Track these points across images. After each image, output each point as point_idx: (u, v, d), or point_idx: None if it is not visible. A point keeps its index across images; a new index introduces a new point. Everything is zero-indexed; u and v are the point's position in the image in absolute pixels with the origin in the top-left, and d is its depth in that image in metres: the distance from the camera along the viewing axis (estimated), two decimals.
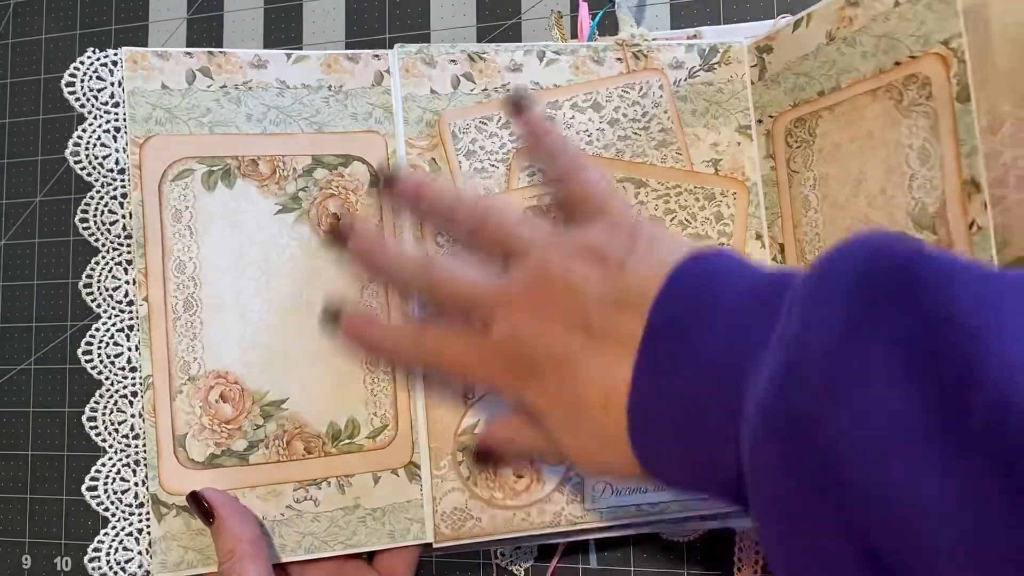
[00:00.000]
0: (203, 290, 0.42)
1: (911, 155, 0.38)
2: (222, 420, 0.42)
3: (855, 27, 0.40)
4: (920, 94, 0.38)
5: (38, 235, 0.56)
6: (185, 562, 0.41)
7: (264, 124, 0.43)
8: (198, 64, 0.43)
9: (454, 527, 0.43)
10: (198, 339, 0.42)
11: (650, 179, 0.46)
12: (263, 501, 0.42)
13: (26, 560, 0.54)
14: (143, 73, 0.42)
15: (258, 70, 0.44)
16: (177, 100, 0.43)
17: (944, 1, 0.37)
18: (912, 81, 0.38)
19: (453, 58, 0.45)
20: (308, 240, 0.44)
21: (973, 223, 0.36)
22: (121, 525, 0.43)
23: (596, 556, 0.48)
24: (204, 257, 0.42)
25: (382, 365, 0.43)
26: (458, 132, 0.45)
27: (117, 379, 0.44)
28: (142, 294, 0.41)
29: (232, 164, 0.43)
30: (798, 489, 0.24)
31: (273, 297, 0.43)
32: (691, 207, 0.46)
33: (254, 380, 0.42)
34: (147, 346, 0.41)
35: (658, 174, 0.46)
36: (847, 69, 0.41)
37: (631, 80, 0.46)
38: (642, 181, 0.45)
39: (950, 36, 0.36)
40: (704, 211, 0.45)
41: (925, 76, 0.38)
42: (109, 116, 0.44)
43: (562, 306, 0.33)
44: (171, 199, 0.42)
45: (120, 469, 0.44)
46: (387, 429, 0.43)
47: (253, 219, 0.43)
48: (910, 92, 0.38)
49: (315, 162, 0.44)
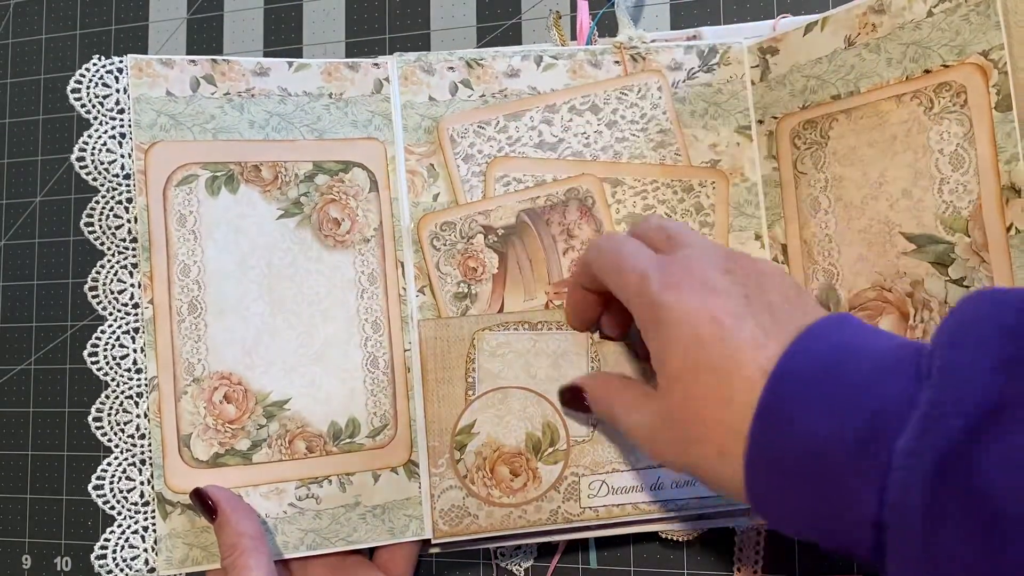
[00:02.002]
0: (207, 293, 0.44)
1: (942, 160, 0.40)
2: (226, 420, 0.43)
3: (879, 34, 0.42)
4: (954, 102, 0.40)
5: (38, 235, 0.57)
6: (190, 559, 0.42)
7: (266, 131, 0.45)
8: (202, 72, 0.45)
9: (452, 524, 0.44)
10: (202, 341, 0.43)
11: (626, 177, 0.47)
12: (266, 499, 0.43)
13: (26, 560, 0.56)
14: (148, 80, 0.44)
15: (260, 78, 0.45)
16: (182, 107, 0.44)
17: (983, 13, 0.38)
18: (945, 89, 0.40)
19: (451, 65, 0.47)
20: (309, 244, 0.45)
21: (1011, 226, 0.38)
22: (127, 523, 0.45)
23: (596, 555, 0.49)
24: (208, 260, 0.44)
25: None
26: (456, 136, 0.46)
27: (123, 380, 0.45)
28: (147, 297, 0.43)
29: (235, 170, 0.45)
30: (952, 527, 0.25)
31: (275, 300, 0.45)
32: (670, 200, 0.47)
33: (257, 381, 0.44)
34: (152, 348, 0.43)
35: (633, 171, 0.47)
36: (868, 74, 0.43)
37: (629, 82, 0.47)
38: (618, 180, 0.47)
39: (990, 47, 0.38)
40: (684, 203, 0.47)
41: (960, 85, 0.39)
42: (115, 122, 0.46)
43: (762, 270, 0.35)
44: (176, 204, 0.44)
45: (126, 468, 0.45)
46: (387, 428, 0.45)
47: (255, 224, 0.45)
48: (942, 99, 0.40)
49: (316, 168, 0.46)
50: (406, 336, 0.46)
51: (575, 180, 0.47)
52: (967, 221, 0.40)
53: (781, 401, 0.30)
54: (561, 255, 0.46)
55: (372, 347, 0.45)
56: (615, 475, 0.45)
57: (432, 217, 0.46)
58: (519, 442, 0.45)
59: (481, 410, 0.45)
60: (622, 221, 0.47)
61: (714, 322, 0.32)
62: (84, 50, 0.58)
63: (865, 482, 0.27)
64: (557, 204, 0.47)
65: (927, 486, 0.25)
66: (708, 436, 0.32)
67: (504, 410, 0.45)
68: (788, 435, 0.29)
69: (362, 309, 0.45)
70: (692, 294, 0.33)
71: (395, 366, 0.46)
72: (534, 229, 0.46)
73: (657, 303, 0.34)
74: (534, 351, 0.45)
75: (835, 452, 0.28)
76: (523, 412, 0.45)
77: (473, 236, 0.46)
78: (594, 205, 0.47)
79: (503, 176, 0.46)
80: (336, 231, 0.46)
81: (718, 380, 0.32)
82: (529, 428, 0.45)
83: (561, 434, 0.45)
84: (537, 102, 0.47)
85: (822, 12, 0.46)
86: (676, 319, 0.33)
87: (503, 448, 0.45)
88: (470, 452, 0.45)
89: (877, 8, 0.42)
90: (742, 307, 0.33)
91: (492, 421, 0.45)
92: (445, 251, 0.46)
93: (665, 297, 0.34)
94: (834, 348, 0.30)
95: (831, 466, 0.28)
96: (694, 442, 0.33)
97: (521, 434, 0.45)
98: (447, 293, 0.46)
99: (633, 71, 0.48)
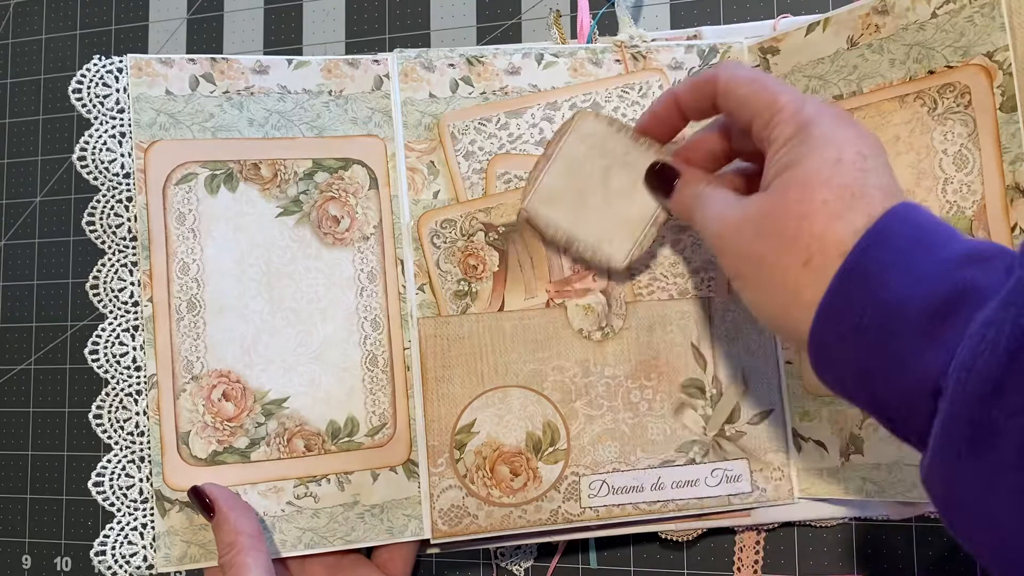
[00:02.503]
0: (206, 291, 0.44)
1: (945, 160, 0.41)
2: (224, 418, 0.44)
3: (883, 34, 0.42)
4: (958, 103, 0.40)
5: (38, 235, 0.58)
6: (188, 556, 0.43)
7: (266, 129, 0.45)
8: (201, 70, 0.45)
9: (451, 524, 0.45)
10: (201, 339, 0.44)
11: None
12: (264, 497, 0.44)
13: (26, 560, 0.56)
14: (147, 79, 0.44)
15: (260, 75, 0.46)
16: (181, 105, 0.45)
17: (987, 15, 0.39)
18: (948, 90, 0.40)
19: (452, 62, 0.47)
20: (309, 242, 0.46)
21: (1016, 226, 0.39)
22: (126, 520, 0.45)
23: (596, 556, 0.49)
24: (207, 259, 0.44)
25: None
26: (457, 133, 0.47)
27: (122, 378, 0.46)
28: (147, 295, 0.43)
29: (234, 168, 0.45)
30: (1015, 398, 0.25)
31: (274, 298, 0.45)
32: None
33: (256, 379, 0.44)
34: (152, 346, 0.43)
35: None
36: (870, 74, 0.43)
37: (630, 80, 0.48)
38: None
39: (995, 49, 0.39)
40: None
41: (964, 85, 0.40)
42: (115, 122, 0.46)
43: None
44: (175, 202, 0.44)
45: (125, 465, 0.45)
46: (385, 427, 0.45)
47: (255, 221, 0.45)
48: (946, 100, 0.40)
49: (315, 165, 0.46)
50: (406, 334, 0.46)
51: None
52: (971, 221, 0.40)
53: (878, 251, 0.30)
54: (562, 253, 0.47)
55: (371, 345, 0.46)
56: (615, 475, 0.45)
57: (432, 214, 0.46)
58: (519, 441, 0.45)
59: (481, 409, 0.45)
60: None
61: (859, 155, 0.33)
62: (84, 50, 0.58)
63: (935, 344, 0.28)
64: None
65: (998, 352, 0.25)
66: (801, 242, 0.32)
67: (504, 409, 0.45)
68: (871, 287, 0.30)
69: (361, 307, 0.46)
70: (847, 126, 0.34)
71: (394, 364, 0.46)
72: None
73: (813, 120, 0.34)
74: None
75: (914, 313, 0.29)
76: (523, 411, 0.45)
77: (474, 233, 0.46)
78: None
79: (504, 173, 0.47)
80: (335, 229, 0.46)
81: (839, 199, 0.32)
82: (529, 427, 0.45)
83: (562, 433, 0.45)
84: (538, 99, 0.47)
85: (823, 12, 0.46)
86: (826, 137, 0.34)
87: (503, 447, 0.45)
88: (470, 451, 0.45)
89: (880, 9, 0.42)
90: (880, 153, 0.34)
91: (492, 420, 0.45)
92: (445, 249, 0.46)
93: (823, 118, 0.34)
94: (930, 223, 0.31)
95: (906, 326, 0.29)
96: (786, 241, 0.33)
97: (521, 433, 0.45)
98: (447, 291, 0.46)
99: (634, 70, 0.48)
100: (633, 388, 0.46)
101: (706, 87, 0.39)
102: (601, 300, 0.46)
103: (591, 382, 0.46)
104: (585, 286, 0.46)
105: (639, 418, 0.46)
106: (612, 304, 0.46)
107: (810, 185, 0.33)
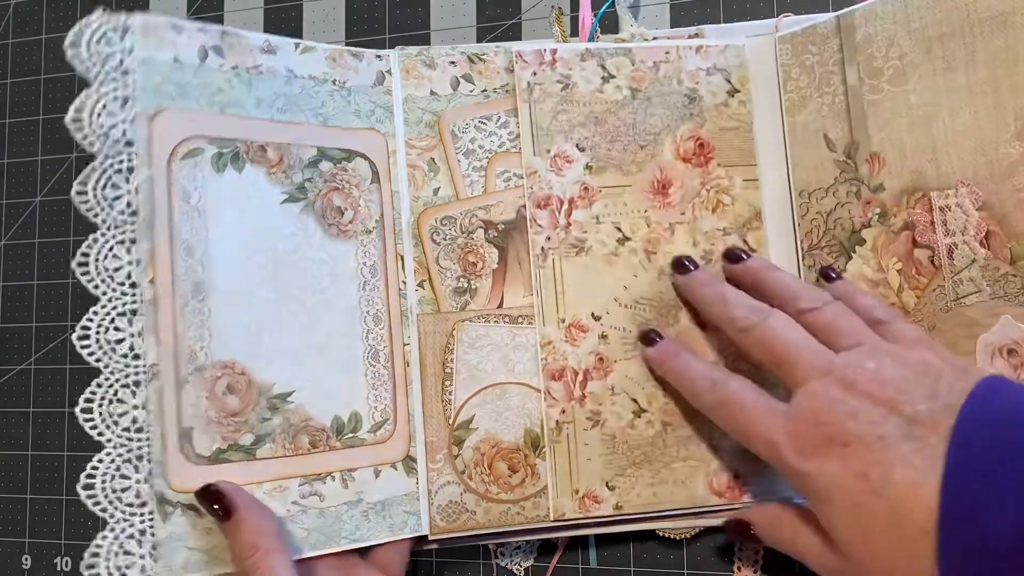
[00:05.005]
0: (211, 275, 0.42)
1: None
2: (229, 413, 0.41)
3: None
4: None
5: (38, 235, 0.58)
6: (191, 564, 0.40)
7: (272, 111, 0.44)
8: (211, 42, 0.43)
9: (449, 520, 0.45)
10: (206, 327, 0.41)
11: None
12: (269, 497, 0.42)
13: (26, 560, 0.57)
14: (155, 42, 0.41)
15: (268, 55, 0.44)
16: (189, 76, 0.42)
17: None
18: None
19: (453, 59, 0.48)
20: (313, 231, 0.44)
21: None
22: (121, 527, 0.40)
23: (596, 555, 0.50)
24: (213, 241, 0.42)
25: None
26: (457, 131, 0.48)
27: (118, 367, 0.41)
28: (148, 276, 0.40)
29: (241, 148, 0.43)
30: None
31: (280, 287, 0.43)
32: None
33: (261, 371, 0.42)
34: (152, 332, 0.40)
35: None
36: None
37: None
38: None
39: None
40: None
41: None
42: (116, 84, 0.41)
43: (890, 392, 0.35)
44: (180, 178, 0.41)
45: (120, 465, 0.41)
46: (387, 423, 0.45)
47: (261, 206, 0.43)
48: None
49: (320, 154, 0.45)
50: (405, 330, 0.46)
51: None
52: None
53: (961, 527, 0.31)
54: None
55: (373, 340, 0.45)
56: None
57: (432, 211, 0.47)
58: (517, 438, 0.46)
59: (479, 405, 0.46)
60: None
61: (861, 478, 0.34)
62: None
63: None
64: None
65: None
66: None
67: (503, 406, 0.46)
68: (979, 552, 0.30)
69: (363, 301, 0.45)
70: (829, 459, 0.35)
71: (395, 360, 0.46)
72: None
73: (800, 472, 0.36)
74: (512, 344, 0.47)
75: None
76: (522, 408, 0.46)
77: (473, 231, 0.47)
78: None
79: (504, 171, 0.48)
80: (339, 220, 0.45)
81: (888, 542, 0.33)
82: (528, 424, 0.46)
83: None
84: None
85: (823, 11, 0.47)
86: (826, 490, 0.36)
87: (501, 444, 0.46)
88: (468, 448, 0.46)
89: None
90: (882, 444, 0.34)
91: (490, 417, 0.46)
92: (445, 245, 0.47)
93: (807, 467, 0.36)
94: (1003, 437, 0.32)
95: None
96: (889, 489, 0.33)
97: (520, 430, 0.46)
98: (446, 288, 0.46)
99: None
100: None
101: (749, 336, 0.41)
102: None
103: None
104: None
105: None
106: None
107: (858, 545, 0.35)
